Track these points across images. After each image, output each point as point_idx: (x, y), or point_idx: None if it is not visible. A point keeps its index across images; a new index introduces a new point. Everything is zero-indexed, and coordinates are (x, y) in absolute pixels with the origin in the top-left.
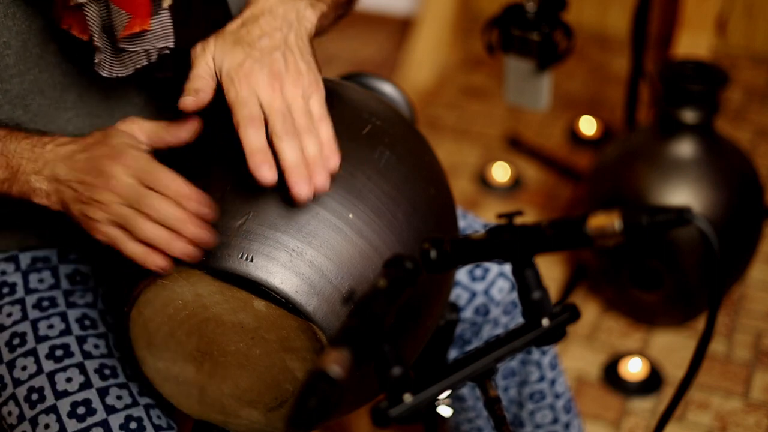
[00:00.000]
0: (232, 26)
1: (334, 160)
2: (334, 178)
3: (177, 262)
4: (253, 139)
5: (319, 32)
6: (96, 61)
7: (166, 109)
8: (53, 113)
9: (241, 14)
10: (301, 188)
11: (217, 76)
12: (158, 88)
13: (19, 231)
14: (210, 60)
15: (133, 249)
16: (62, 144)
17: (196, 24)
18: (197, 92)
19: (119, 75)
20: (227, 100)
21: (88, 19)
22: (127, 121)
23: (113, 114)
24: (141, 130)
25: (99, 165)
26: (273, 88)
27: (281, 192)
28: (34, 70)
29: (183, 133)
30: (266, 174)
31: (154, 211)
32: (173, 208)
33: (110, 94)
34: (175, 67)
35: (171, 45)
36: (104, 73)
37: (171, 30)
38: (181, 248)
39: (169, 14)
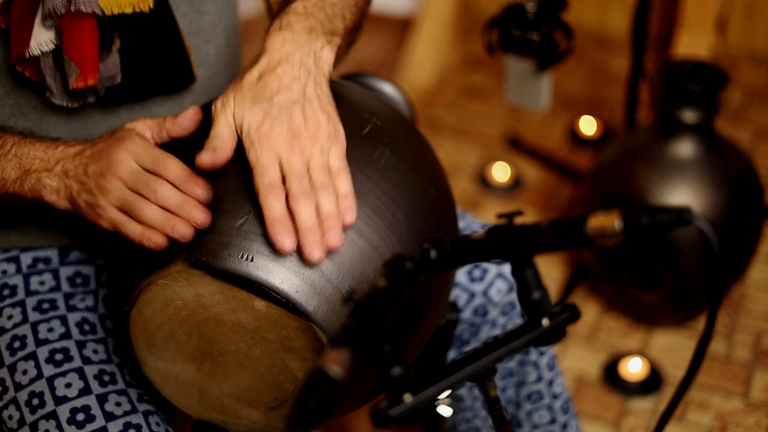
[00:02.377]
0: (250, 78)
1: (350, 216)
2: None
3: (177, 259)
4: (274, 207)
5: (334, 66)
6: (47, 95)
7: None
8: (37, 135)
9: (257, 62)
10: (313, 252)
11: (237, 132)
12: (143, 107)
13: (20, 229)
14: (230, 118)
15: (134, 230)
16: (73, 145)
17: (145, 56)
18: (215, 150)
19: (71, 106)
20: (248, 158)
21: (42, 66)
22: (132, 121)
23: (98, 134)
24: (146, 126)
25: (105, 153)
26: (292, 147)
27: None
28: (13, 94)
29: (185, 122)
30: (286, 243)
31: (154, 193)
32: (172, 190)
33: (92, 113)
34: (131, 89)
35: (118, 81)
36: (56, 102)
37: (118, 69)
38: (177, 228)
39: (117, 55)
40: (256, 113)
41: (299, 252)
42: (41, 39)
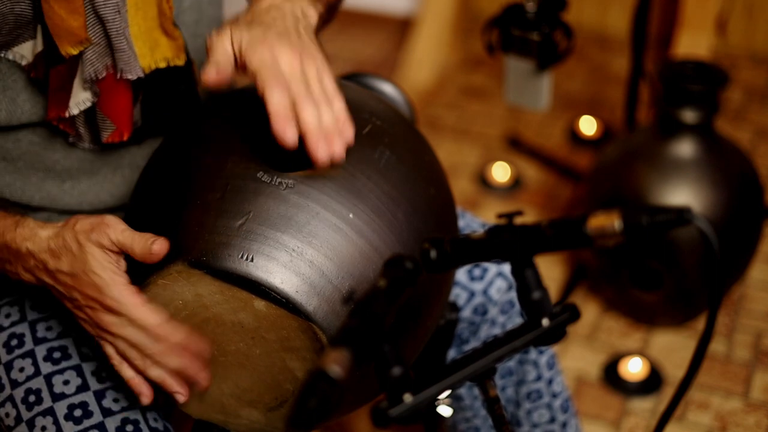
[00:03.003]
0: (244, 19)
1: (348, 132)
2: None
3: (177, 259)
4: (278, 100)
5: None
6: (70, 139)
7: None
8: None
9: (249, 11)
10: (321, 149)
11: (236, 56)
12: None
13: None
14: (227, 43)
15: (126, 373)
16: (41, 228)
17: (164, 102)
18: (219, 64)
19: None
20: (250, 66)
21: (76, 121)
22: (105, 221)
23: (120, 164)
24: (114, 236)
25: (78, 270)
26: (294, 55)
27: (284, 191)
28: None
29: (152, 254)
30: (290, 135)
31: (162, 360)
32: (176, 359)
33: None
34: (150, 129)
35: (138, 126)
36: (83, 147)
37: (140, 115)
38: (174, 391)
39: (139, 105)
40: (255, 31)
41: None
42: (79, 99)
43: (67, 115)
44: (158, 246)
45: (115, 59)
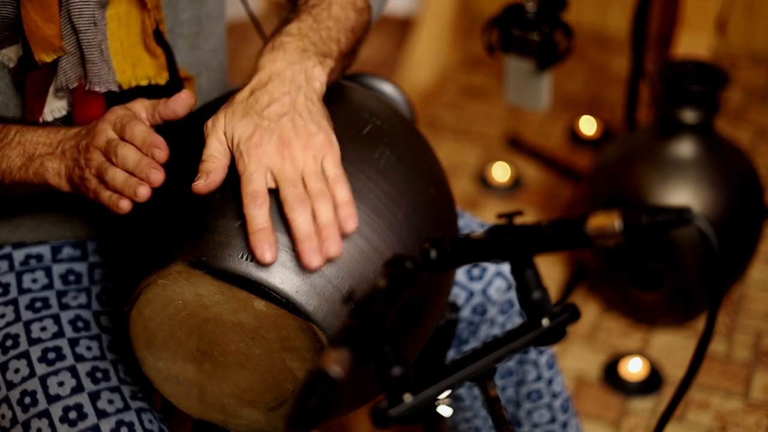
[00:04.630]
0: (241, 96)
1: (351, 224)
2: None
3: (177, 259)
4: (255, 216)
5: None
6: None
7: None
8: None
9: (250, 81)
10: (311, 259)
11: (229, 148)
12: None
13: (12, 222)
14: (221, 135)
15: (104, 195)
16: (74, 127)
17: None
18: (208, 174)
19: None
20: (238, 169)
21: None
22: (133, 101)
23: None
24: (142, 106)
25: (92, 127)
26: (282, 156)
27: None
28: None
29: (176, 106)
30: (266, 255)
31: (116, 157)
32: (131, 152)
33: None
34: None
35: None
36: None
37: None
38: (134, 188)
39: None
40: (246, 125)
41: (298, 259)
42: (54, 106)
43: (41, 121)
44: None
45: (85, 70)
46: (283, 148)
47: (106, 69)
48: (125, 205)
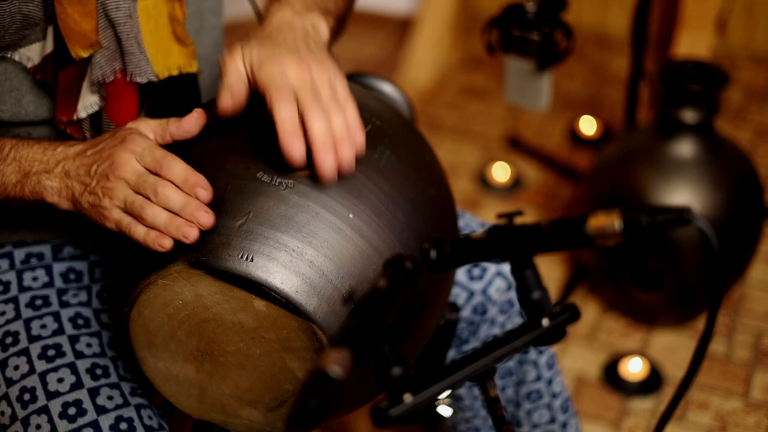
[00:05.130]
0: (257, 36)
1: (360, 137)
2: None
3: (177, 259)
4: (285, 114)
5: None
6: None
7: None
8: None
9: (261, 29)
10: (327, 161)
11: (248, 76)
12: None
13: (12, 223)
14: (240, 64)
15: (138, 232)
16: (72, 145)
17: (167, 109)
18: (233, 93)
19: None
20: (260, 83)
21: (84, 127)
22: (134, 121)
23: None
24: (148, 127)
25: (108, 153)
26: (302, 67)
27: (284, 191)
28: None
29: (190, 126)
30: (297, 151)
31: (156, 195)
32: (175, 192)
33: None
34: None
35: None
36: None
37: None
38: (182, 229)
39: (144, 113)
40: (264, 49)
41: (312, 173)
42: (88, 102)
43: (75, 117)
44: (196, 113)
45: (125, 62)
46: (301, 62)
47: (145, 60)
48: (168, 243)
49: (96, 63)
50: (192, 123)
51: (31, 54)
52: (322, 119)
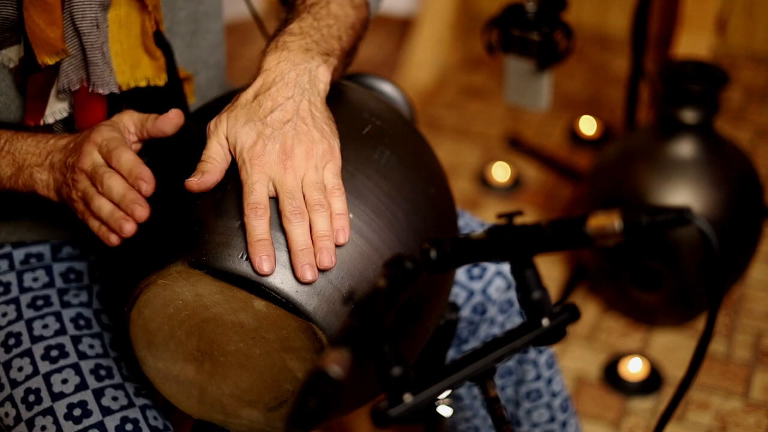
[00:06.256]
0: (245, 99)
1: (343, 236)
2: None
3: (177, 259)
4: (253, 228)
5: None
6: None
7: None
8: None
9: (254, 82)
10: (305, 272)
11: (231, 153)
12: None
13: (11, 222)
14: (223, 139)
15: (92, 224)
16: (62, 137)
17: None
18: (203, 174)
19: None
20: (239, 170)
21: (56, 132)
22: (120, 113)
23: None
24: (131, 120)
25: (77, 146)
26: (284, 166)
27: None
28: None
29: (164, 125)
30: (263, 265)
31: (101, 186)
32: (117, 183)
33: None
34: None
35: None
36: None
37: None
38: (119, 222)
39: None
40: (248, 132)
41: (292, 270)
42: (55, 108)
43: (42, 123)
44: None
45: (88, 72)
46: (285, 158)
47: (108, 71)
48: (114, 239)
49: (63, 71)
50: (166, 123)
51: (12, 55)
52: (299, 228)
